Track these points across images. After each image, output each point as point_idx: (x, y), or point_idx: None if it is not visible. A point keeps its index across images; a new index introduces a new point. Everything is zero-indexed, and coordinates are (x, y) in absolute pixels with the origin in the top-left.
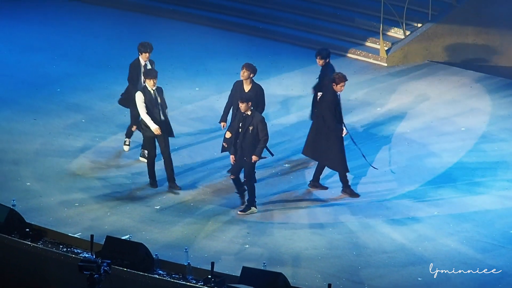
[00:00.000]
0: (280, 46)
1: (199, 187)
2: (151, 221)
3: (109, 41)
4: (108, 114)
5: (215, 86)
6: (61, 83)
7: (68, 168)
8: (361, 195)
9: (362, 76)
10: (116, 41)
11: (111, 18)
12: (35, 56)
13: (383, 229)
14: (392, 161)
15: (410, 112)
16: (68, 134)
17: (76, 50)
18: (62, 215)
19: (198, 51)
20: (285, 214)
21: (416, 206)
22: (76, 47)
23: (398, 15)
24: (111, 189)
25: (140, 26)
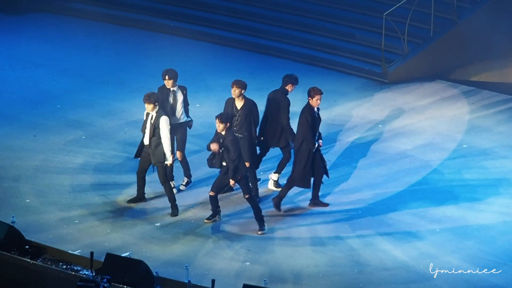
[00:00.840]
0: (281, 62)
1: (199, 204)
2: (151, 238)
3: (109, 57)
4: (108, 131)
5: (216, 102)
6: (61, 99)
7: (68, 185)
8: (361, 212)
9: (363, 93)
10: (116, 57)
11: (111, 34)
12: (35, 72)
13: (385, 246)
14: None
15: (411, 129)
16: (68, 151)
17: (76, 66)
18: (62, 232)
19: (198, 67)
20: (286, 231)
21: (417, 223)
22: (76, 64)
23: (400, 32)
24: (111, 206)
25: (140, 42)
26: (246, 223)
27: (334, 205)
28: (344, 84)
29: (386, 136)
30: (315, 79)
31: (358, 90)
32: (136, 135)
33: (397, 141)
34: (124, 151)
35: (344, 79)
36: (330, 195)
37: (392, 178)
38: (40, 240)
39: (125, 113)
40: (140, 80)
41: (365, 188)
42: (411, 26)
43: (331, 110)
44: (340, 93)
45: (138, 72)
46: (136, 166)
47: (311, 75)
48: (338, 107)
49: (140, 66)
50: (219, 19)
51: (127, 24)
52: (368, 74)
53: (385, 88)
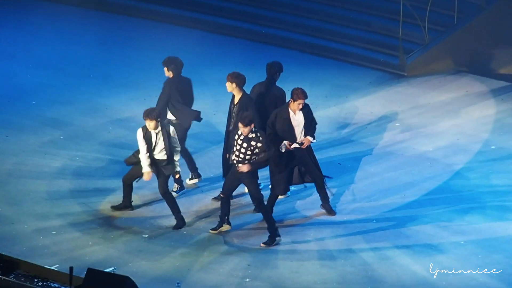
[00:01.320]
0: (286, 53)
1: (193, 212)
2: (138, 251)
3: (92, 48)
4: (90, 130)
5: (211, 98)
6: (37, 95)
7: (44, 192)
8: (376, 222)
9: (378, 87)
10: (100, 48)
11: (94, 21)
12: (7, 64)
13: (402, 261)
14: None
15: (433, 128)
16: (45, 153)
17: (54, 58)
18: (37, 245)
19: (192, 59)
20: (290, 244)
21: (439, 234)
22: (54, 55)
23: (420, 18)
24: (93, 215)
25: (127, 30)
26: (246, 234)
27: (345, 213)
28: (356, 78)
29: (404, 136)
30: (324, 72)
31: (372, 84)
32: (121, 134)
33: (417, 142)
34: (107, 153)
35: (356, 71)
36: (341, 203)
37: (410, 184)
38: (12, 254)
39: (109, 110)
40: (126, 73)
41: (380, 195)
42: (433, 12)
43: (341, 107)
44: (352, 88)
45: (124, 64)
46: (122, 169)
47: (319, 68)
48: (350, 104)
49: (126, 57)
50: (216, 4)
51: (113, 11)
52: (383, 66)
53: (403, 82)
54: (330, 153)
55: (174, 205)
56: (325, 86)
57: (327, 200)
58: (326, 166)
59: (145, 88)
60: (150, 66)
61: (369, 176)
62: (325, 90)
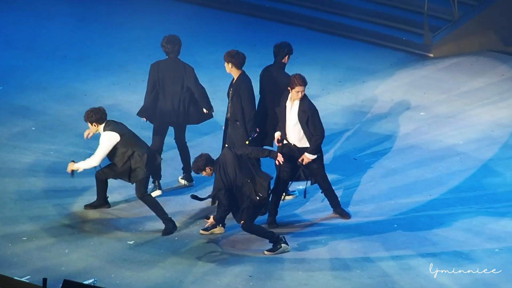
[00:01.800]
0: (292, 30)
1: (185, 214)
2: (122, 260)
3: (67, 25)
4: (66, 120)
5: (207, 83)
6: (4, 79)
7: (13, 191)
8: (397, 226)
9: (400, 70)
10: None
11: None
12: None
13: (428, 272)
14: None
15: (463, 118)
16: (14, 147)
17: (25, 36)
18: (5, 253)
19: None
20: (298, 251)
21: (471, 240)
22: (24, 33)
23: None
24: (69, 218)
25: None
26: (248, 240)
27: (361, 216)
28: (375, 59)
29: (429, 127)
30: (337, 52)
31: (393, 67)
32: None
33: (444, 134)
34: (86, 146)
35: (374, 52)
36: (356, 204)
37: (437, 182)
38: None
39: (88, 97)
40: (108, 54)
41: (402, 195)
42: None
43: (357, 93)
44: (369, 71)
45: (105, 44)
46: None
47: (331, 47)
48: (367, 89)
49: (108, 36)
50: None
51: None
52: (406, 46)
53: (428, 65)
54: (344, 146)
55: (156, 206)
56: (338, 69)
57: (338, 204)
58: (340, 161)
59: (129, 71)
60: (135, 46)
61: (390, 173)
62: (338, 73)
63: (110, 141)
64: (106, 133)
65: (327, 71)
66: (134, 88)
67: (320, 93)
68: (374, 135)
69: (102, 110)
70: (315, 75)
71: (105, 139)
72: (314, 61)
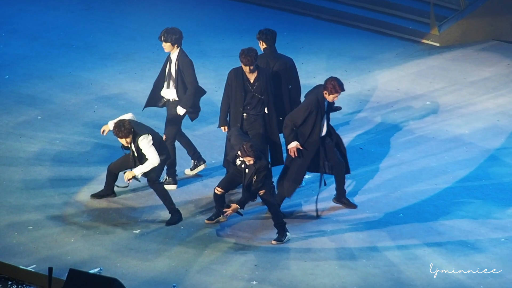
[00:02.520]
0: (299, 20)
1: (191, 204)
2: (128, 249)
3: (73, 14)
4: (72, 109)
5: (213, 72)
6: (11, 68)
7: (19, 180)
8: (403, 216)
9: (406, 59)
10: (83, 14)
11: None
12: None
13: (434, 261)
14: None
15: (469, 108)
16: (20, 135)
17: (30, 25)
18: (11, 242)
19: (191, 26)
20: (304, 241)
21: (477, 230)
22: (29, 22)
23: None
24: (75, 207)
25: None
26: (253, 229)
27: (367, 206)
28: (380, 49)
29: (435, 117)
30: (343, 41)
31: (399, 57)
32: (109, 114)
33: (450, 124)
34: (92, 135)
35: (380, 41)
36: (362, 194)
37: (443, 172)
38: None
39: (94, 86)
40: (114, 43)
41: (408, 185)
42: None
43: (363, 83)
44: (375, 60)
45: (111, 33)
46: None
47: (337, 36)
48: (373, 79)
49: (114, 25)
50: None
51: None
52: (412, 35)
53: (434, 54)
54: (350, 136)
55: (165, 196)
56: (344, 59)
57: (343, 193)
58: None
59: (135, 60)
60: (141, 34)
61: (396, 163)
62: (344, 63)
63: (151, 142)
64: (142, 140)
65: (333, 60)
66: (140, 77)
67: None
68: (379, 125)
69: (127, 122)
70: (321, 64)
71: (147, 145)
72: (320, 50)
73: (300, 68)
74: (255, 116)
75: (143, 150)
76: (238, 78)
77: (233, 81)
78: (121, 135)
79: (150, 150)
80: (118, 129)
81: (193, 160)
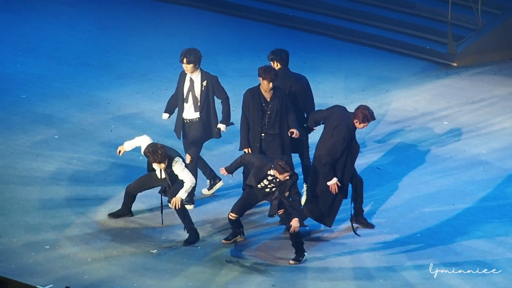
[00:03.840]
0: (316, 39)
1: (208, 224)
2: (145, 269)
3: (90, 33)
4: (88, 129)
5: (230, 92)
6: (27, 87)
7: (36, 200)
8: (420, 236)
9: (424, 79)
10: (99, 33)
11: (92, 2)
12: None
13: (451, 281)
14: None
15: (487, 127)
16: (37, 155)
17: (47, 44)
18: (28, 261)
19: (207, 46)
20: (322, 261)
21: (494, 250)
22: (46, 41)
23: (472, 0)
24: (92, 227)
25: (131, 12)
26: (270, 248)
27: (384, 226)
28: (398, 68)
29: (453, 136)
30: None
31: (417, 76)
32: (125, 134)
33: (468, 143)
34: (109, 155)
35: (398, 61)
36: (380, 214)
37: (460, 192)
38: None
39: (111, 106)
40: (130, 62)
41: (426, 205)
42: None
43: (381, 103)
44: (392, 80)
45: (128, 52)
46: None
47: (355, 56)
48: (390, 99)
49: (131, 44)
50: None
51: None
52: (429, 55)
53: (452, 74)
54: (367, 156)
55: (185, 216)
56: (361, 78)
57: (361, 213)
58: (363, 170)
59: (152, 79)
60: (158, 54)
61: (413, 182)
62: (361, 82)
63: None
64: (176, 163)
65: (351, 79)
66: (157, 96)
67: (344, 101)
68: (397, 144)
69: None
70: (338, 84)
71: (181, 167)
72: (337, 70)
73: (317, 87)
74: (273, 136)
75: (178, 173)
76: (254, 98)
77: (249, 101)
78: (157, 160)
79: (185, 172)
80: (153, 155)
81: (209, 179)
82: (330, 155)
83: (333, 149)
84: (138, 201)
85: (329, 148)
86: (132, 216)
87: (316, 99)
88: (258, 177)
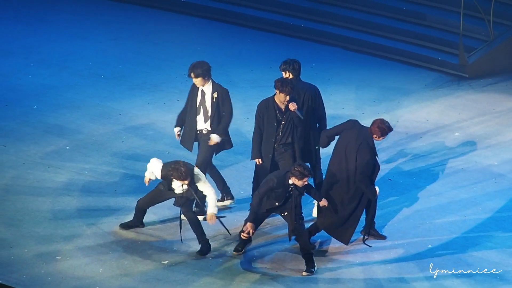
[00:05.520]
0: (328, 50)
1: (220, 235)
2: (157, 280)
3: (101, 44)
4: (100, 140)
5: (242, 103)
6: (39, 98)
7: (47, 210)
8: (432, 247)
9: (435, 90)
10: (111, 44)
11: (104, 12)
12: (4, 62)
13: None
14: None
15: (498, 139)
16: (48, 166)
17: (58, 55)
18: (39, 272)
19: (219, 57)
20: (333, 272)
21: (506, 261)
22: (58, 52)
23: (484, 11)
24: (104, 237)
25: (142, 23)
26: (281, 259)
27: (396, 237)
28: (409, 79)
29: (464, 148)
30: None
31: (428, 87)
32: (137, 145)
33: (479, 155)
34: (120, 166)
35: (409, 72)
36: (391, 225)
37: (472, 203)
38: (10, 282)
39: (122, 116)
40: (142, 73)
41: (437, 216)
42: (498, 3)
43: (392, 114)
44: (404, 91)
45: (139, 63)
46: (137, 185)
47: (366, 67)
48: (402, 110)
49: (142, 55)
50: None
51: (126, 0)
52: (441, 66)
53: (463, 85)
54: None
55: (198, 227)
56: (373, 89)
57: (373, 225)
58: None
59: (163, 90)
60: (170, 65)
61: (424, 194)
62: (373, 93)
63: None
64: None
65: (362, 91)
66: (168, 107)
67: (355, 113)
68: (408, 156)
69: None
70: (350, 95)
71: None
72: (349, 81)
73: (329, 98)
74: (285, 146)
75: (200, 187)
76: (269, 109)
77: (264, 112)
78: (182, 178)
79: (207, 184)
80: (178, 173)
81: (222, 193)
82: (366, 172)
83: (366, 168)
84: (150, 212)
85: (362, 170)
86: (143, 227)
87: (328, 110)
88: (283, 195)
